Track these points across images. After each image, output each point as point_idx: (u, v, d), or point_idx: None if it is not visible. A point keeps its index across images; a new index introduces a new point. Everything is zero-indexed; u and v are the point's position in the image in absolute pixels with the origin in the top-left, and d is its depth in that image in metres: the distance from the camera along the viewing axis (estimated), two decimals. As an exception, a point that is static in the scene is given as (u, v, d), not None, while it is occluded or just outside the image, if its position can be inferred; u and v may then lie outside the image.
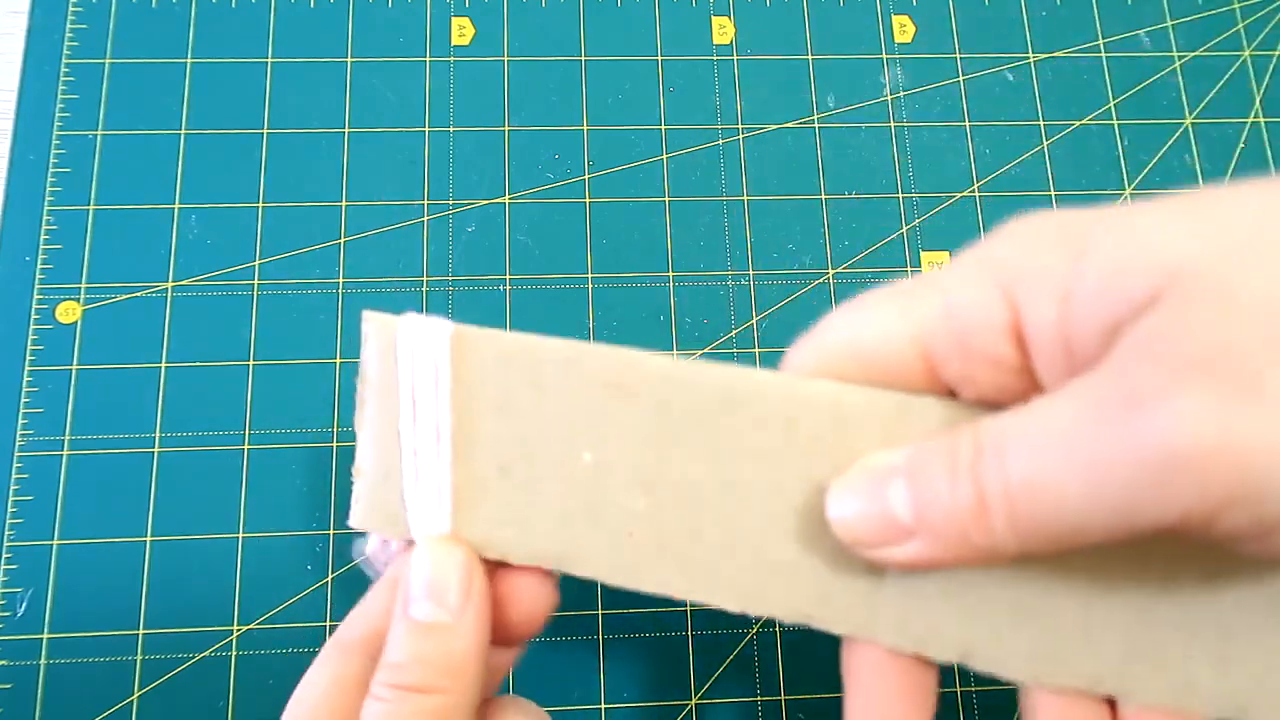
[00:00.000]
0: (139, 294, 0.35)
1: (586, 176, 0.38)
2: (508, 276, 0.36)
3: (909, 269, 0.37)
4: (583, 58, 0.39)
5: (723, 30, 0.40)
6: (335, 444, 0.34)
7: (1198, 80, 0.40)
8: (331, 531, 0.33)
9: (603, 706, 0.32)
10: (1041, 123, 0.39)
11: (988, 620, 0.20)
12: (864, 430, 0.21)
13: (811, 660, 0.33)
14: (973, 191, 0.38)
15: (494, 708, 0.23)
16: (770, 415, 0.21)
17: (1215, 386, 0.15)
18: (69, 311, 0.35)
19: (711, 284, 0.37)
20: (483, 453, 0.22)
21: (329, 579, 0.32)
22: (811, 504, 0.21)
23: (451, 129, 0.38)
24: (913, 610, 0.21)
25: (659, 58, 0.39)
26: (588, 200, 0.37)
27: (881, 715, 0.21)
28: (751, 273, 0.37)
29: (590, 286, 0.36)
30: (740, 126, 0.39)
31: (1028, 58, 0.40)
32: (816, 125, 0.39)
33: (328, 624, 0.32)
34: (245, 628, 0.32)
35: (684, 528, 0.21)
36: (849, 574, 0.21)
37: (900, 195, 0.38)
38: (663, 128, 0.38)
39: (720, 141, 0.38)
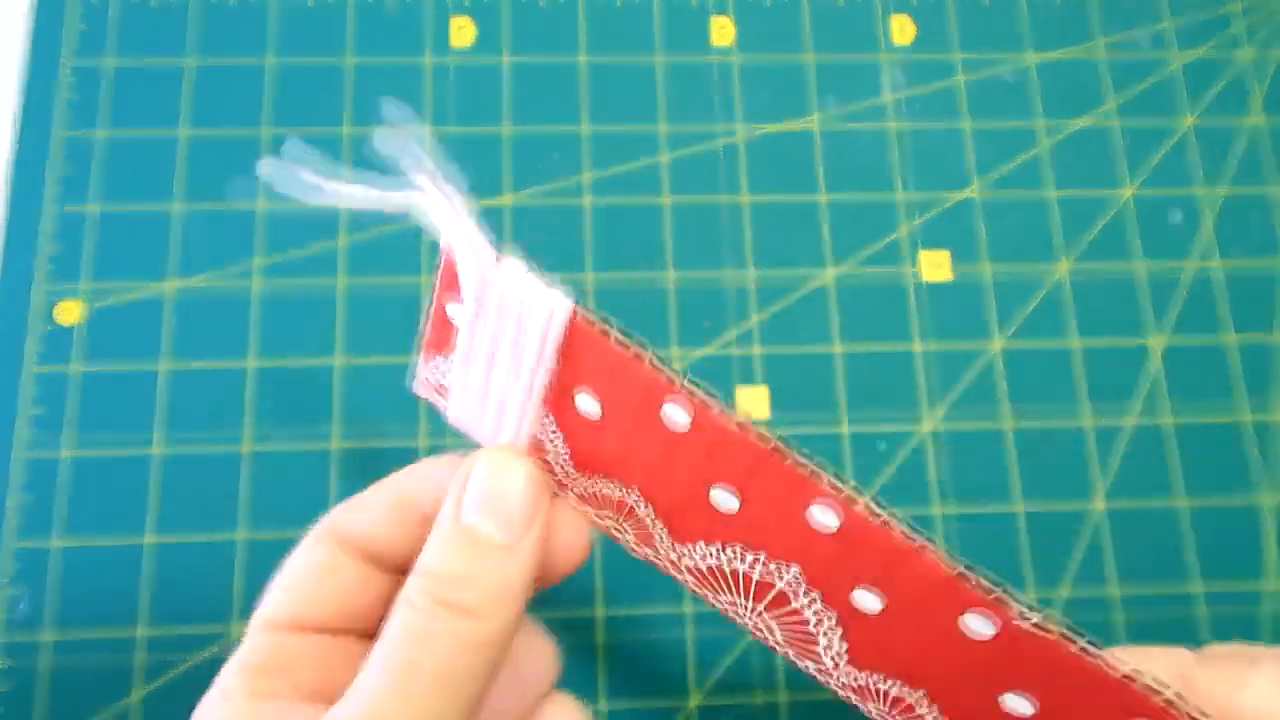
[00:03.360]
0: (139, 294, 0.35)
1: (586, 176, 0.38)
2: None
3: (909, 269, 0.37)
4: (583, 58, 0.39)
5: (722, 30, 0.40)
6: (335, 444, 0.34)
7: (1198, 80, 0.40)
8: (331, 531, 0.33)
9: (603, 707, 0.32)
10: (1041, 123, 0.39)
11: None
12: None
13: (811, 660, 0.33)
14: (972, 192, 0.38)
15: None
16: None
17: None
18: (69, 312, 0.35)
19: (711, 284, 0.37)
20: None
21: (329, 579, 0.32)
22: None
23: (451, 129, 0.38)
24: None
25: (659, 58, 0.39)
26: (588, 200, 0.37)
27: None
28: (751, 273, 0.37)
29: (590, 287, 0.36)
30: (740, 127, 0.39)
31: (1027, 58, 0.40)
32: (816, 126, 0.39)
33: (328, 624, 0.32)
34: (245, 628, 0.32)
35: None
36: None
37: (900, 195, 0.38)
38: (662, 128, 0.38)
39: (720, 142, 0.38)
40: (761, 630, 0.21)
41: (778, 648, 0.21)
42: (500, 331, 0.20)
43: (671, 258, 0.37)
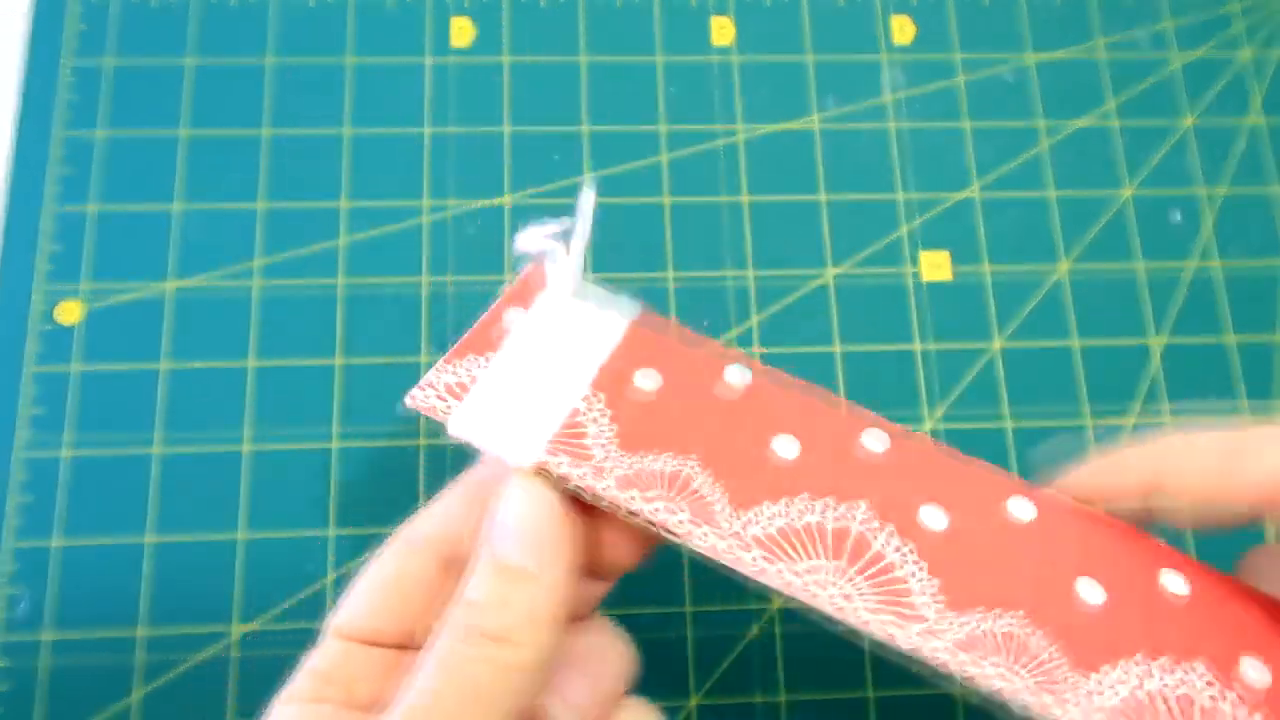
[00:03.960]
0: (139, 294, 0.35)
1: (586, 177, 0.38)
2: (508, 276, 0.36)
3: (909, 269, 0.37)
4: (583, 58, 0.39)
5: (722, 30, 0.40)
6: (335, 444, 0.34)
7: (1198, 80, 0.40)
8: (331, 532, 0.33)
9: (602, 706, 0.32)
10: (1041, 123, 0.39)
11: None
12: None
13: (811, 660, 0.33)
14: (972, 192, 0.38)
15: (579, 633, 0.23)
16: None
17: None
18: (69, 312, 0.35)
19: (711, 284, 0.37)
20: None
21: (329, 579, 0.32)
22: None
23: (451, 129, 0.38)
24: None
25: (659, 58, 0.39)
26: (587, 200, 0.37)
27: None
28: (751, 273, 0.37)
29: (590, 287, 0.36)
30: (740, 127, 0.39)
31: (1027, 58, 0.40)
32: (816, 126, 0.39)
33: (327, 624, 0.32)
34: (245, 628, 0.32)
35: None
36: None
37: (900, 196, 0.38)
38: (662, 128, 0.38)
39: (720, 142, 0.38)
40: (851, 598, 0.20)
41: (870, 623, 0.20)
42: (557, 336, 0.23)
43: (671, 258, 0.37)
